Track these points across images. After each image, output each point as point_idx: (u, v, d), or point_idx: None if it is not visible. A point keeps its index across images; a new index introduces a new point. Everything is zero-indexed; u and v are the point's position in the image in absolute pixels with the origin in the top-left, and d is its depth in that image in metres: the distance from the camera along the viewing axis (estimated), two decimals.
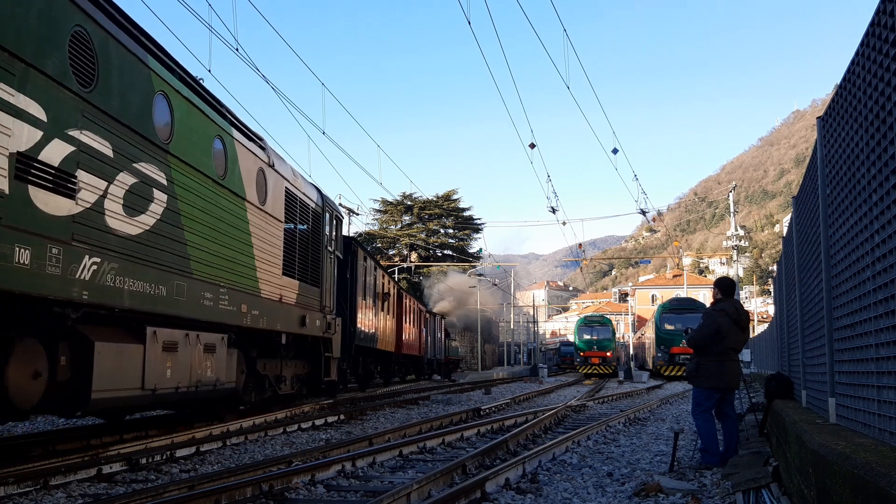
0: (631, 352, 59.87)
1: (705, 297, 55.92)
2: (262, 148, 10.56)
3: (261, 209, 10.10)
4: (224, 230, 8.96)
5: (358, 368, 19.61)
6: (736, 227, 36.34)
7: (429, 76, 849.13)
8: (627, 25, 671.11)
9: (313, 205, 12.77)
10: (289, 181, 11.39)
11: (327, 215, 13.68)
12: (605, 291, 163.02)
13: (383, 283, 22.90)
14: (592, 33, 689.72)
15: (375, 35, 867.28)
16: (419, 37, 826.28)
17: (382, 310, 22.23)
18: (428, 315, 33.50)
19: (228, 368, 9.32)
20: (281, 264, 10.83)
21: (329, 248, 13.72)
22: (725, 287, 7.37)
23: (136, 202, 6.95)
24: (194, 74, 8.63)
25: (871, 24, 3.59)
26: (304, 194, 12.13)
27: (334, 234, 14.32)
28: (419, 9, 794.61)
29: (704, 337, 7.01)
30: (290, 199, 11.44)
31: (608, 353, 44.16)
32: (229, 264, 9.07)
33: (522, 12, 15.47)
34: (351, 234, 31.30)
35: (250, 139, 10.11)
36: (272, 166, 10.65)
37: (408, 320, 27.54)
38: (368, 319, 19.80)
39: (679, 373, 32.99)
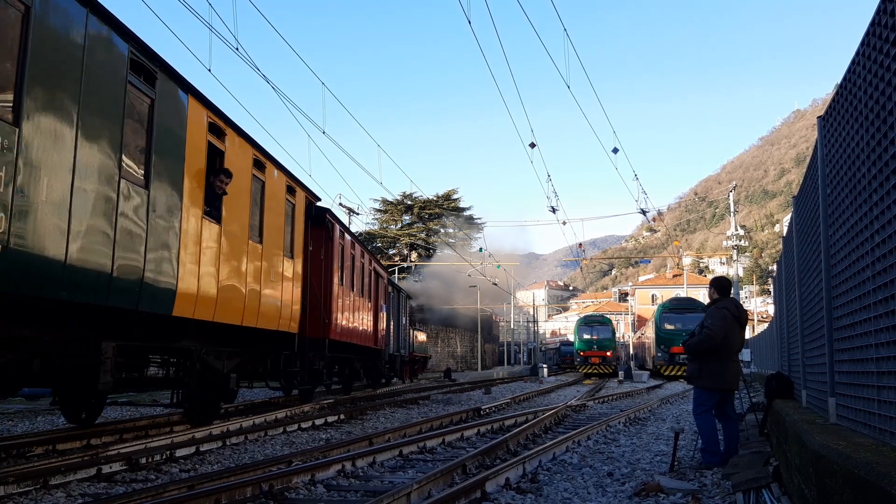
0: (631, 352, 59.89)
1: (705, 296, 55.84)
2: None
3: None
4: None
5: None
6: (736, 226, 36.33)
7: (429, 76, 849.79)
8: (628, 25, 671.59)
9: None
10: None
11: None
12: (605, 291, 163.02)
13: (244, 165, 10.00)
14: (593, 33, 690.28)
15: (376, 35, 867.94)
16: (420, 37, 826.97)
17: (225, 214, 9.29)
18: (391, 288, 22.44)
19: None
20: None
21: None
22: (723, 286, 7.36)
23: None
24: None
25: (872, 23, 3.59)
26: None
27: None
28: (419, 9, 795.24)
29: (717, 341, 6.86)
30: None
31: (608, 353, 44.19)
32: None
33: (523, 12, 15.49)
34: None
35: None
36: None
37: (347, 278, 15.58)
38: (131, 226, 6.97)
39: (679, 373, 32.99)
